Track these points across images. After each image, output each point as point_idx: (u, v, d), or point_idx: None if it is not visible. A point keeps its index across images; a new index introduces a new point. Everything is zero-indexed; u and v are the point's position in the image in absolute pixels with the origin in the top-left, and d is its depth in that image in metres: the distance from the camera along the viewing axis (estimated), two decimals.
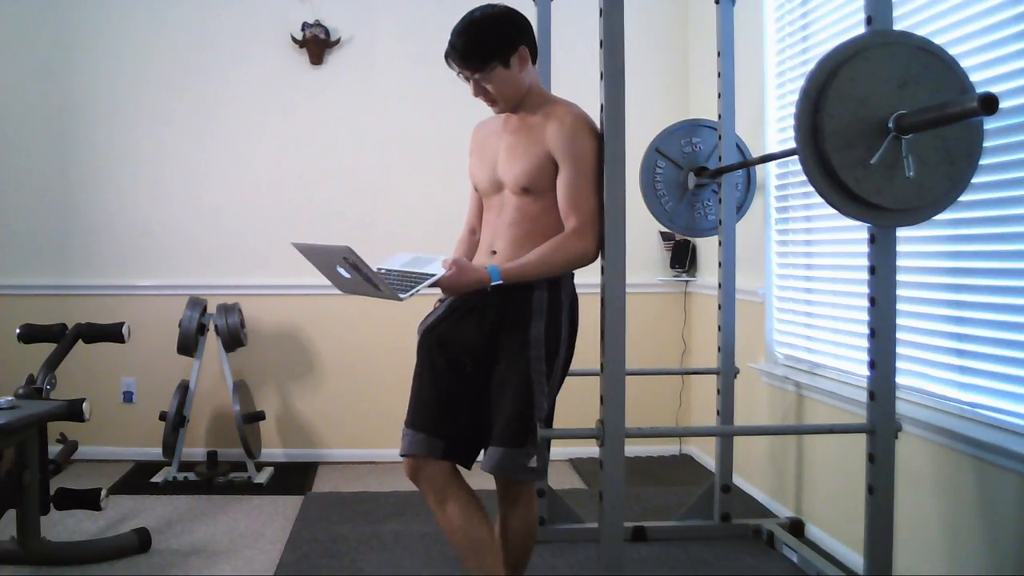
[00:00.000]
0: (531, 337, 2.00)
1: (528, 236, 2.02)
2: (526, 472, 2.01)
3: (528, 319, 2.00)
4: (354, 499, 3.53)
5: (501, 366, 2.03)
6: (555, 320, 2.02)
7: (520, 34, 2.01)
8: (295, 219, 4.16)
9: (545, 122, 2.01)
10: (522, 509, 2.13)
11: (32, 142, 4.13)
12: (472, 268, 1.94)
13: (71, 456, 3.12)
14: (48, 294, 4.10)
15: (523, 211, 2.03)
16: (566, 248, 1.96)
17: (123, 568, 2.79)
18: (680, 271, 4.27)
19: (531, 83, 2.06)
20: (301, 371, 4.21)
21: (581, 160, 1.96)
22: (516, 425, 1.99)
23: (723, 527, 3.10)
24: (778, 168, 3.41)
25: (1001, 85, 2.14)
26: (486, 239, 2.12)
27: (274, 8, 4.14)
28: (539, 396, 2.00)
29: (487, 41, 1.97)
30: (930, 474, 2.43)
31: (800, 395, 3.20)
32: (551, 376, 2.04)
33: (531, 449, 1.99)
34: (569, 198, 1.97)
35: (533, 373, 2.00)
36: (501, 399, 2.02)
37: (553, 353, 2.03)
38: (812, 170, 1.91)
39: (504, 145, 2.08)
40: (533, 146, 2.00)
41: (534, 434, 1.99)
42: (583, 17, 3.22)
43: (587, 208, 1.96)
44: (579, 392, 3.32)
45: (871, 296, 2.13)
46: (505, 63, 1.99)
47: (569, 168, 1.96)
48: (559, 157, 1.97)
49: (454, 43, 2.00)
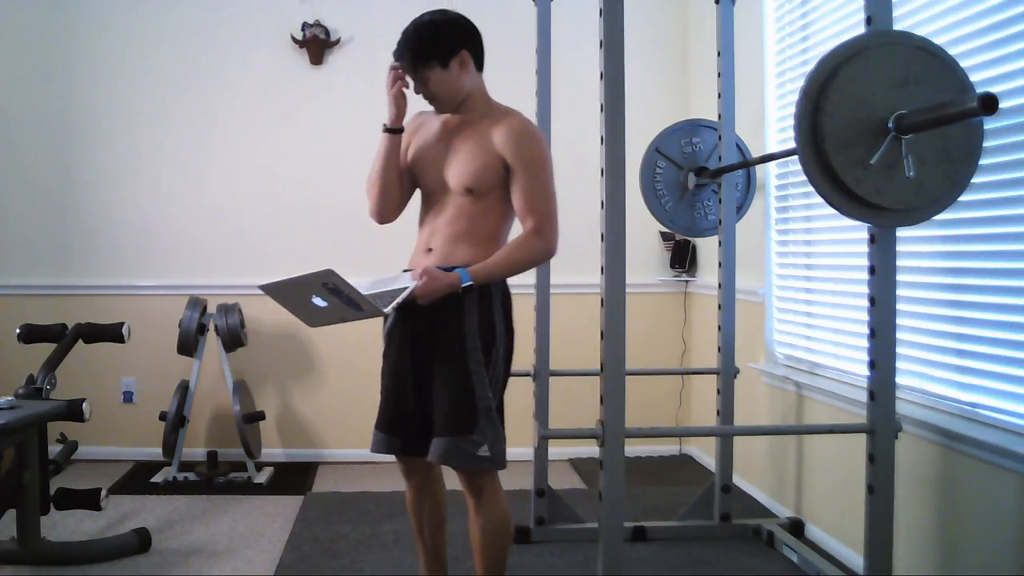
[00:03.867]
0: (465, 331, 2.08)
1: (465, 235, 2.11)
2: (474, 460, 2.07)
3: (461, 316, 2.08)
4: (354, 499, 3.53)
5: (438, 362, 2.11)
6: (487, 314, 2.10)
7: (462, 40, 2.11)
8: (295, 219, 4.16)
9: (492, 128, 2.09)
10: (487, 504, 2.15)
11: (32, 142, 4.14)
12: (442, 274, 2.03)
13: (71, 456, 3.12)
14: (48, 294, 4.10)
15: (463, 211, 2.11)
16: (527, 247, 2.08)
17: (123, 568, 2.79)
18: (680, 271, 4.27)
19: (473, 88, 2.14)
20: (301, 371, 4.21)
21: (532, 164, 2.06)
22: (457, 414, 2.06)
23: (723, 527, 3.10)
24: (778, 168, 3.42)
25: (1001, 85, 2.14)
26: (423, 237, 2.20)
27: (274, 8, 4.14)
28: (480, 386, 2.08)
29: (429, 41, 2.08)
30: (930, 474, 2.43)
31: (800, 395, 3.20)
32: (490, 366, 2.11)
33: (479, 437, 2.06)
34: (525, 200, 2.07)
35: (471, 364, 2.07)
36: (441, 392, 2.10)
37: (489, 344, 2.10)
38: (812, 170, 1.91)
39: (452, 147, 2.15)
40: (480, 150, 2.08)
41: (481, 422, 2.07)
42: (583, 17, 3.23)
43: (542, 208, 2.07)
44: (579, 392, 3.33)
45: (871, 296, 2.13)
46: (444, 64, 2.08)
47: (522, 172, 2.06)
48: (511, 162, 2.06)
49: (401, 40, 2.11)
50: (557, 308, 3.09)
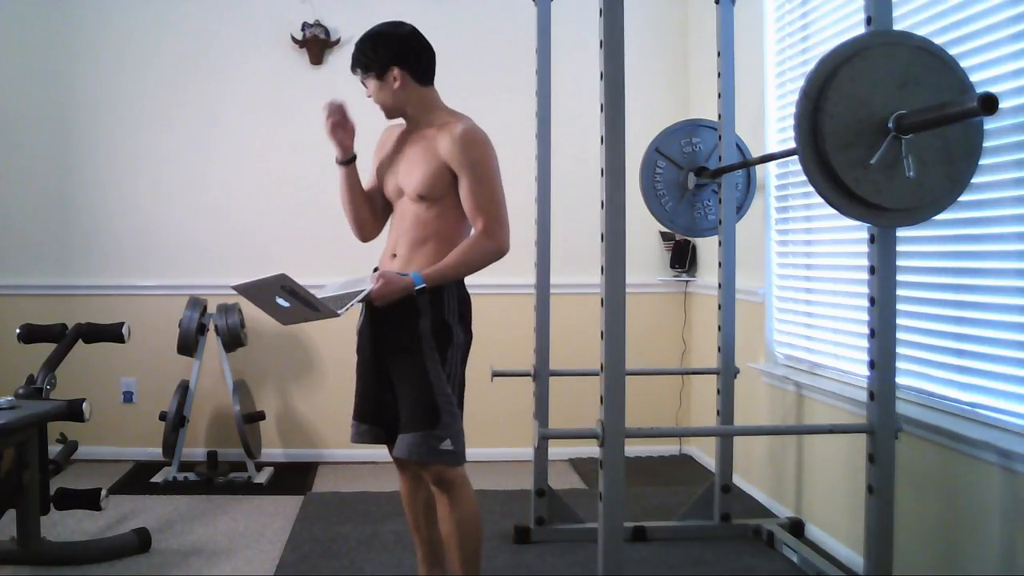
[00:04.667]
0: (420, 332, 2.16)
1: (425, 240, 2.20)
2: (437, 454, 2.13)
3: (416, 318, 2.16)
4: (354, 499, 3.53)
5: (398, 361, 2.21)
6: (439, 315, 2.17)
7: (395, 58, 2.20)
8: (295, 219, 4.16)
9: (438, 135, 2.18)
10: (458, 499, 2.19)
11: (32, 142, 4.13)
12: (397, 278, 2.12)
13: (71, 456, 3.12)
14: (48, 294, 4.10)
15: (419, 217, 2.20)
16: (476, 248, 2.15)
17: (123, 568, 2.79)
18: (680, 271, 4.27)
19: (413, 100, 2.24)
20: (301, 371, 4.21)
21: (476, 167, 2.12)
22: (418, 410, 2.15)
23: (723, 527, 3.10)
24: (778, 168, 3.41)
25: (1001, 85, 2.14)
26: (390, 243, 2.32)
27: (274, 8, 4.14)
28: (438, 382, 2.15)
29: (367, 54, 2.22)
30: (930, 474, 2.43)
31: (800, 395, 3.20)
32: (447, 363, 2.18)
33: (441, 432, 2.13)
34: (473, 203, 2.14)
35: (428, 362, 2.15)
36: (403, 390, 2.19)
37: (444, 343, 2.17)
38: (812, 170, 1.91)
39: (403, 156, 2.27)
40: (428, 157, 2.17)
41: (444, 417, 2.14)
42: (583, 17, 3.22)
43: (490, 209, 2.14)
44: (579, 392, 3.33)
45: (871, 296, 2.13)
46: (379, 76, 2.22)
47: (467, 176, 2.13)
48: (456, 168, 2.14)
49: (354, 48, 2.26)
50: (557, 308, 3.09)
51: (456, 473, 2.19)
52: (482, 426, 4.06)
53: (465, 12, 4.20)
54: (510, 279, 3.59)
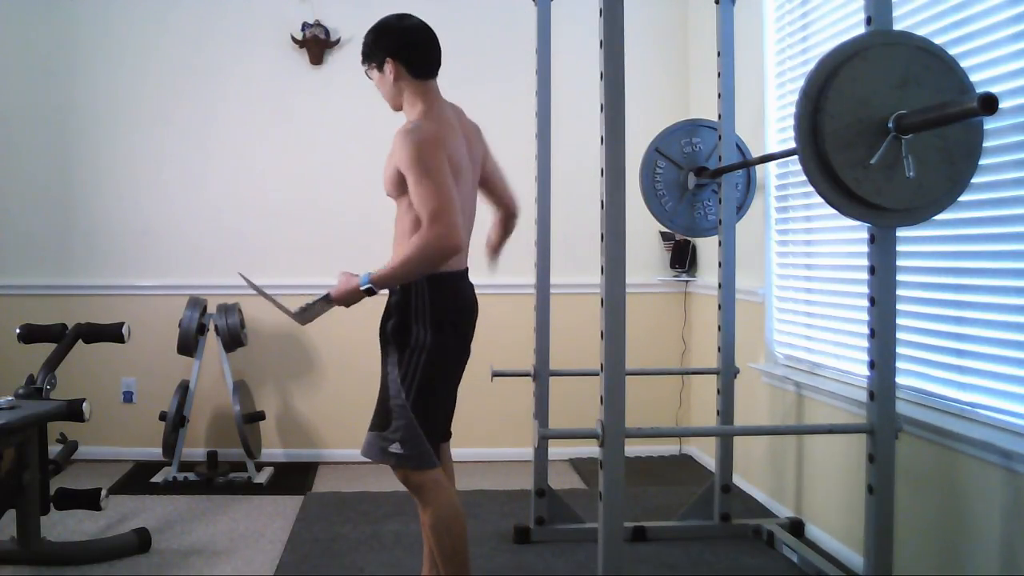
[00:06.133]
0: (388, 334, 2.22)
1: (399, 236, 2.24)
2: (386, 455, 2.18)
3: (387, 319, 2.25)
4: (354, 499, 3.53)
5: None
6: (403, 317, 2.20)
7: (392, 50, 2.22)
8: (295, 219, 4.16)
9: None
10: (427, 502, 2.21)
11: (32, 142, 4.13)
12: (348, 278, 2.17)
13: (71, 456, 3.12)
14: (48, 294, 4.10)
15: (397, 215, 2.25)
16: (417, 244, 2.07)
17: (123, 568, 2.79)
18: (680, 271, 4.27)
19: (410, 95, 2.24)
20: (301, 371, 4.21)
21: (412, 165, 2.10)
22: (376, 410, 2.22)
23: (723, 527, 3.10)
24: (778, 168, 3.42)
25: (1001, 85, 2.14)
26: None
27: (274, 8, 4.14)
28: (392, 385, 2.19)
29: (368, 44, 2.26)
30: (930, 474, 2.43)
31: (800, 395, 3.20)
32: (402, 365, 2.18)
33: (390, 435, 2.17)
34: (415, 201, 2.11)
35: (388, 365, 2.21)
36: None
37: (403, 346, 2.19)
38: (812, 170, 1.91)
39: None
40: (389, 158, 2.20)
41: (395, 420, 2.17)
42: (583, 17, 3.23)
43: (429, 204, 2.09)
44: (579, 392, 3.33)
45: (871, 296, 2.13)
46: (379, 67, 2.24)
47: (408, 175, 2.12)
48: (400, 167, 2.14)
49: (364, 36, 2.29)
50: (557, 308, 3.09)
51: (423, 477, 2.18)
52: (482, 426, 4.07)
53: (465, 12, 4.20)
54: (510, 279, 3.59)
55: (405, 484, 2.23)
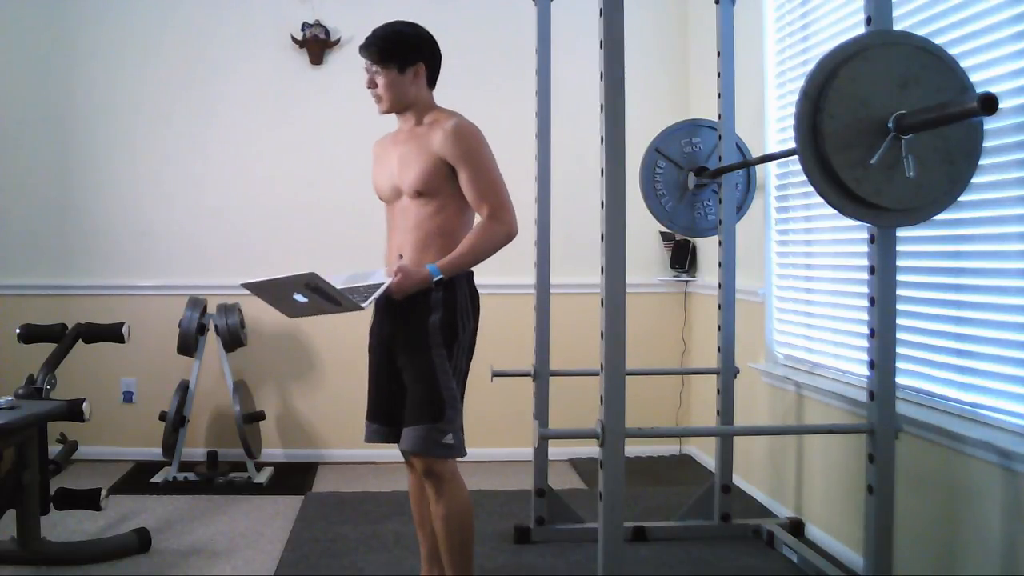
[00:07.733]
0: (429, 328, 2.22)
1: (429, 236, 2.24)
2: (440, 448, 2.19)
3: (427, 314, 2.22)
4: (354, 499, 3.53)
5: (407, 356, 2.26)
6: (451, 313, 2.23)
7: (424, 54, 2.28)
8: (295, 219, 4.16)
9: (430, 133, 2.23)
10: (449, 492, 2.22)
11: (32, 142, 4.13)
12: (415, 271, 2.17)
13: (71, 456, 3.12)
14: (48, 294, 4.10)
15: (420, 214, 2.25)
16: (487, 233, 2.20)
17: (123, 568, 2.79)
18: (680, 271, 4.27)
19: (419, 99, 2.29)
20: (301, 371, 4.21)
21: (471, 156, 2.18)
22: (424, 405, 2.20)
23: (723, 527, 3.10)
24: (778, 168, 3.41)
25: (1001, 85, 2.14)
26: (394, 244, 2.34)
27: (274, 8, 4.14)
28: (443, 377, 2.21)
29: (395, 43, 2.25)
30: (930, 474, 2.43)
31: (800, 395, 3.20)
32: (452, 359, 2.24)
33: (445, 426, 2.19)
34: (476, 192, 2.20)
35: (435, 358, 2.21)
36: (411, 384, 2.24)
37: (451, 339, 2.23)
38: (812, 170, 1.91)
39: (397, 155, 2.31)
40: (423, 153, 2.22)
41: (448, 411, 2.20)
42: (583, 17, 3.23)
43: (492, 194, 2.20)
44: (579, 392, 3.33)
45: (871, 296, 2.13)
46: (401, 68, 2.24)
47: (465, 167, 2.19)
48: (453, 161, 2.19)
49: (370, 35, 2.27)
50: (557, 308, 3.09)
51: (447, 466, 2.22)
52: (482, 426, 4.07)
53: (465, 12, 4.20)
54: (510, 279, 3.59)
55: (428, 473, 2.22)
